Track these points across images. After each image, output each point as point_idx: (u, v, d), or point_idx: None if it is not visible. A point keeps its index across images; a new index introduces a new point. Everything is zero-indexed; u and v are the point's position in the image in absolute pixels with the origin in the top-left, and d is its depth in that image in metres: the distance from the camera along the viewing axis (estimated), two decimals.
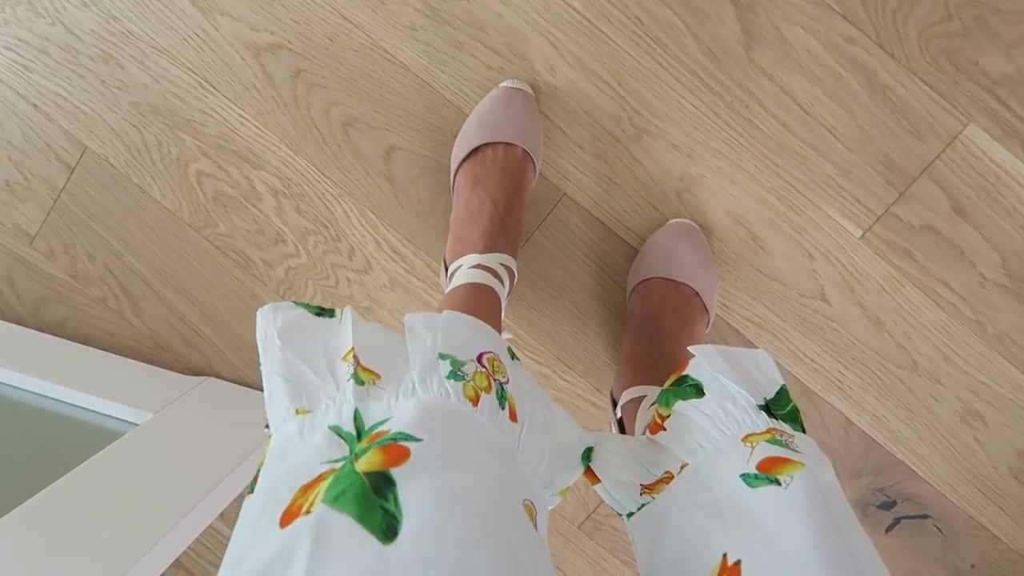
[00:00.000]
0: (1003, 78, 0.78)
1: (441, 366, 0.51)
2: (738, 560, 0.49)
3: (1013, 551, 0.90)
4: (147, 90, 0.89)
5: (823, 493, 0.53)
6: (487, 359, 0.54)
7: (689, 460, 0.61)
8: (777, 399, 0.63)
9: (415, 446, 0.44)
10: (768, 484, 0.54)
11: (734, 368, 0.63)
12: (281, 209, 0.91)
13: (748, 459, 0.56)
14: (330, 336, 0.53)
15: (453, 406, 0.49)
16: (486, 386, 0.52)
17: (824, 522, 0.50)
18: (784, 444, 0.57)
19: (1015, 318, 0.84)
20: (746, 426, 0.61)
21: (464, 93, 0.86)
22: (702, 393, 0.64)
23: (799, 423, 0.62)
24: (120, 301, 0.96)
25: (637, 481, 0.64)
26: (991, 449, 0.88)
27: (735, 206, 0.85)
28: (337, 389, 0.50)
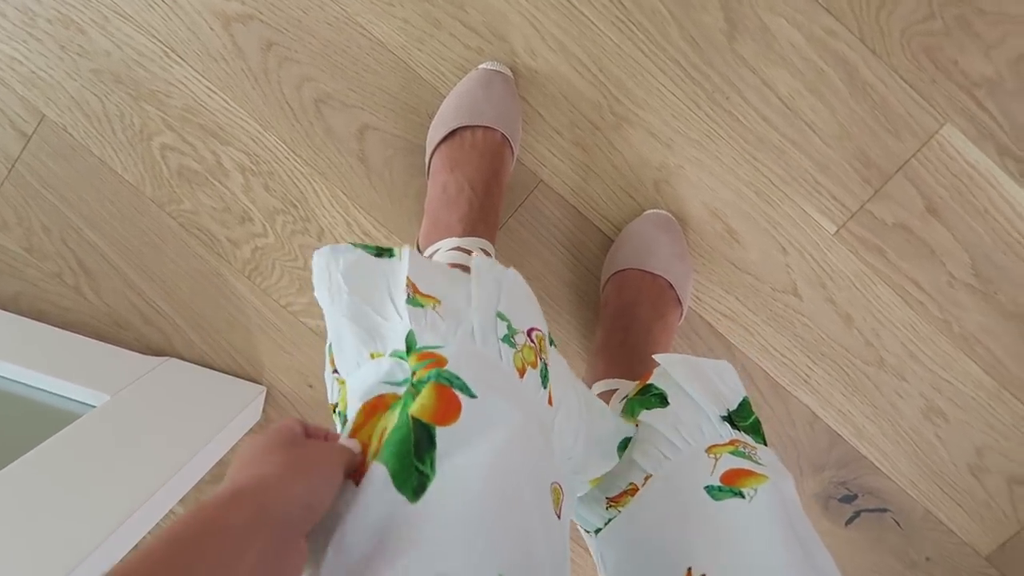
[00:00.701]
0: (982, 79, 0.78)
1: (499, 326, 0.51)
2: (703, 575, 0.49)
3: (967, 544, 0.92)
4: (109, 57, 0.85)
5: (786, 507, 0.53)
6: (535, 336, 0.54)
7: (653, 471, 0.61)
8: (740, 410, 0.63)
9: (468, 403, 0.45)
10: (732, 497, 0.54)
11: (698, 378, 0.63)
12: (249, 186, 0.88)
13: (712, 470, 0.57)
14: (392, 276, 0.52)
15: (506, 370, 0.49)
16: (533, 361, 0.52)
17: (788, 536, 0.51)
18: (747, 456, 0.58)
19: (981, 318, 0.85)
20: (710, 437, 0.61)
21: (442, 73, 0.83)
22: (666, 402, 0.64)
23: (761, 435, 0.63)
24: (77, 276, 0.92)
25: (602, 494, 0.64)
26: (951, 446, 0.89)
27: (712, 198, 0.84)
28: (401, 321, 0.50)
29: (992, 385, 0.86)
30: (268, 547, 0.34)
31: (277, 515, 0.35)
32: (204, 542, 0.32)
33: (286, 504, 0.36)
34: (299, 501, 0.37)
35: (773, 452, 0.61)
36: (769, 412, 0.90)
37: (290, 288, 0.91)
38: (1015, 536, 0.91)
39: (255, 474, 0.36)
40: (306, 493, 0.37)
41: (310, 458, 0.39)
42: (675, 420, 0.63)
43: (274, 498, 0.35)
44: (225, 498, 0.34)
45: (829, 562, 0.51)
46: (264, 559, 0.34)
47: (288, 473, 0.37)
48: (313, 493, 0.38)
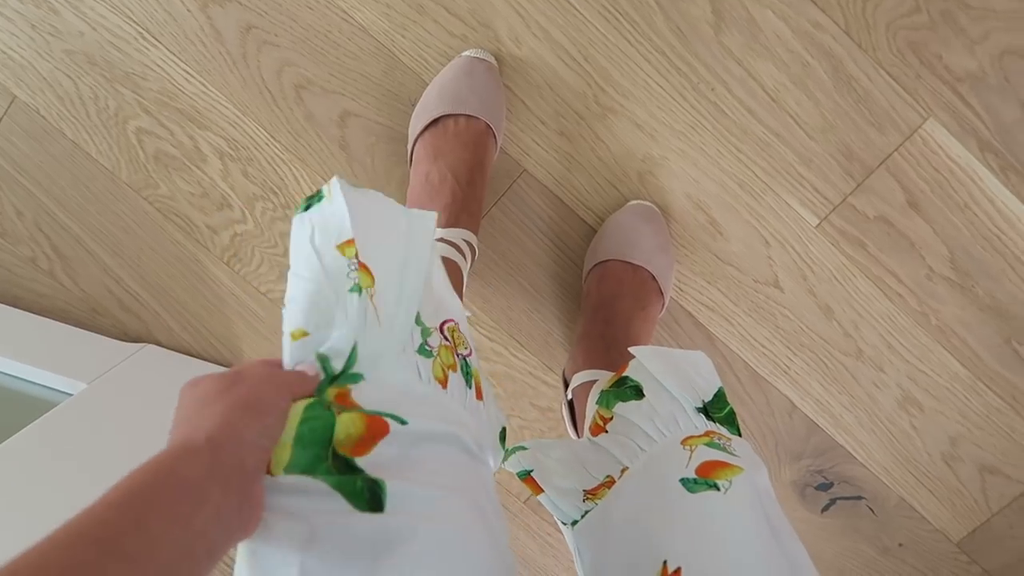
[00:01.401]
0: (965, 74, 0.79)
1: (414, 337, 0.49)
2: (678, 568, 0.50)
3: (938, 531, 0.94)
4: (83, 38, 0.83)
5: (760, 498, 0.54)
6: (448, 329, 0.53)
7: (629, 464, 0.62)
8: (715, 401, 0.63)
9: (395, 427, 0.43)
10: (707, 489, 0.54)
11: (673, 370, 0.63)
12: (227, 172, 0.86)
13: (687, 463, 0.57)
14: (322, 221, 0.47)
15: (424, 391, 0.47)
16: (452, 364, 0.50)
17: (762, 529, 0.51)
18: (722, 447, 0.58)
19: (958, 311, 0.86)
20: (685, 428, 0.61)
21: (425, 60, 0.82)
22: (642, 395, 0.64)
23: (735, 426, 0.63)
24: (52, 261, 0.90)
25: (580, 487, 0.64)
26: (926, 435, 0.91)
27: (696, 190, 0.84)
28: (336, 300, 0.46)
29: (967, 376, 0.88)
30: (224, 498, 0.34)
31: (232, 464, 0.34)
32: (159, 496, 0.32)
33: (240, 452, 0.35)
34: (253, 446, 0.36)
35: (748, 443, 0.61)
36: (749, 401, 0.91)
37: (269, 275, 0.90)
38: (985, 523, 0.93)
39: (206, 424, 0.35)
40: (259, 436, 0.37)
41: (258, 396, 0.38)
42: (650, 412, 0.63)
43: (228, 448, 0.35)
44: (178, 450, 0.33)
45: (802, 553, 0.52)
46: (220, 510, 0.33)
47: (239, 418, 0.36)
48: (266, 434, 0.37)
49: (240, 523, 0.35)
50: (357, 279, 0.46)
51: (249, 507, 0.36)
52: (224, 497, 0.34)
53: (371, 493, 0.40)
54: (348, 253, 0.47)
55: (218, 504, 0.33)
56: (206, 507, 0.32)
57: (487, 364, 0.91)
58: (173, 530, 0.31)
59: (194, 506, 0.32)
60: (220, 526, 0.33)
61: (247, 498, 0.35)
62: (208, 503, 0.32)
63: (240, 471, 0.35)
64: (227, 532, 0.34)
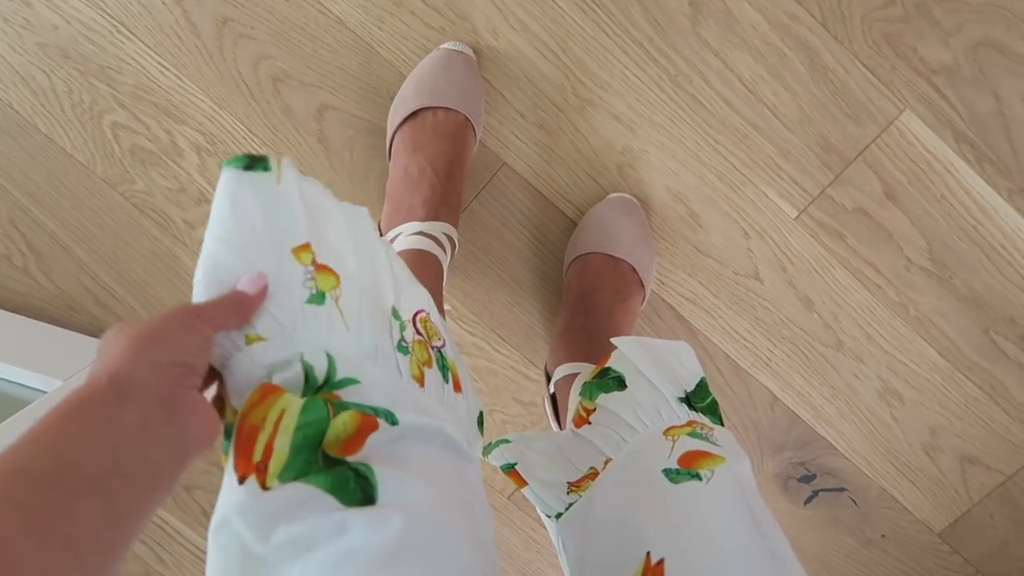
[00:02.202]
0: (940, 66, 0.79)
1: (392, 332, 0.48)
2: (661, 559, 0.50)
3: (920, 521, 0.94)
4: (56, 32, 0.82)
5: (743, 488, 0.54)
6: (420, 320, 0.52)
7: (612, 455, 0.61)
8: (697, 391, 0.63)
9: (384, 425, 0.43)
10: (690, 479, 0.54)
11: (655, 360, 0.63)
12: (204, 166, 0.86)
13: (670, 453, 0.57)
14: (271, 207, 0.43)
15: (407, 389, 0.46)
16: (426, 359, 0.50)
17: (744, 518, 0.51)
18: (704, 437, 0.58)
19: (936, 301, 0.86)
20: (667, 419, 0.61)
21: (403, 53, 0.82)
22: (624, 385, 0.64)
23: (718, 416, 0.63)
24: (26, 258, 0.89)
25: (564, 480, 0.64)
26: (906, 426, 0.91)
27: (675, 182, 0.84)
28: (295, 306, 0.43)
29: (946, 367, 0.88)
30: (146, 414, 0.34)
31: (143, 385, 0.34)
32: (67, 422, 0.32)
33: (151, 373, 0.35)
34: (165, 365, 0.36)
35: (730, 432, 0.61)
36: (730, 394, 0.91)
37: None
38: (966, 514, 0.93)
39: (107, 364, 0.35)
40: (171, 355, 0.36)
41: (159, 327, 0.37)
42: (633, 403, 0.63)
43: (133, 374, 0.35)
44: (80, 389, 0.34)
45: (784, 543, 0.52)
46: (146, 425, 0.34)
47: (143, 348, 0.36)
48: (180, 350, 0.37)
49: (178, 433, 0.35)
50: (315, 288, 0.44)
51: (190, 420, 0.36)
52: (145, 412, 0.34)
53: (363, 491, 0.40)
54: (304, 259, 0.44)
55: (140, 422, 0.33)
56: (119, 427, 0.33)
57: (468, 359, 0.91)
58: (88, 450, 0.31)
59: (102, 427, 0.32)
60: (150, 441, 0.34)
61: (177, 408, 0.35)
62: (120, 423, 0.33)
63: (157, 387, 0.35)
64: (164, 446, 0.34)
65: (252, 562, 0.37)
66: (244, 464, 0.40)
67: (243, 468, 0.40)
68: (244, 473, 0.40)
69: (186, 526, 0.97)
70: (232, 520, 0.39)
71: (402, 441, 0.44)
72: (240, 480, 0.40)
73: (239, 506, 0.39)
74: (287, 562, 0.37)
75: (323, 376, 0.43)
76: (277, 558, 0.37)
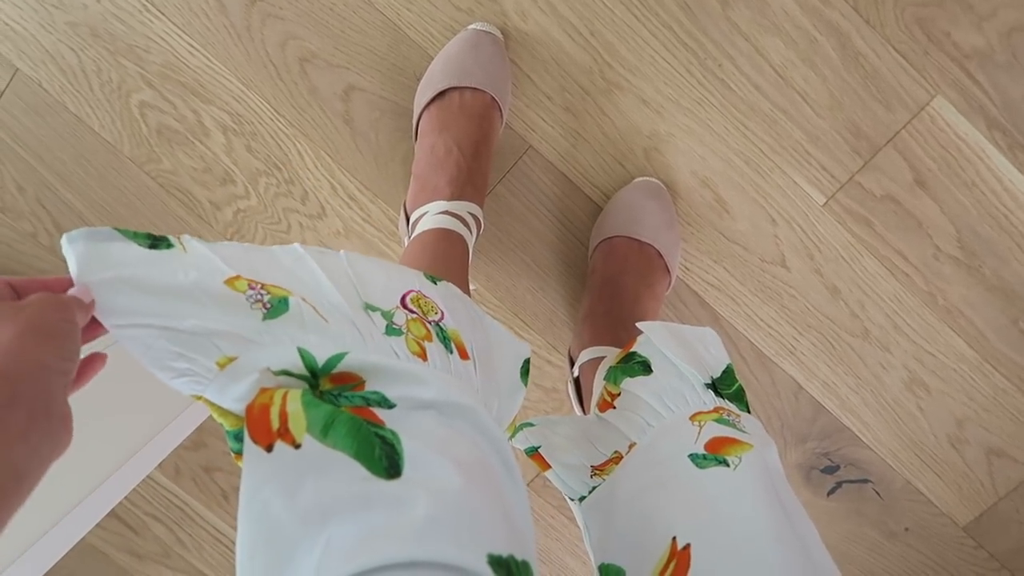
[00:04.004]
0: (973, 51, 0.78)
1: (375, 321, 0.47)
2: (688, 544, 0.49)
3: (945, 515, 0.93)
4: (86, 10, 0.83)
5: (771, 475, 0.53)
6: (411, 300, 0.51)
7: (637, 439, 0.61)
8: (723, 378, 0.63)
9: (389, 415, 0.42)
10: (717, 465, 0.54)
11: (681, 346, 0.63)
12: (230, 147, 0.86)
13: (696, 438, 0.56)
14: (181, 267, 0.43)
15: (404, 367, 0.46)
16: (425, 334, 0.49)
17: (773, 505, 0.51)
18: (731, 424, 0.58)
19: (965, 291, 0.85)
20: (693, 404, 0.61)
21: (430, 34, 0.82)
22: (650, 370, 0.64)
23: (744, 402, 0.63)
24: (53, 237, 0.90)
25: (587, 463, 0.64)
26: (932, 418, 0.90)
27: (702, 167, 0.84)
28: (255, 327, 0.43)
29: (974, 358, 0.87)
30: (31, 424, 0.33)
31: (34, 391, 0.34)
32: None
33: (42, 377, 0.34)
34: (54, 370, 0.35)
35: (757, 420, 0.61)
36: (754, 382, 0.90)
37: None
38: (992, 507, 0.92)
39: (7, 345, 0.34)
40: (58, 359, 0.36)
41: (46, 320, 0.36)
42: (658, 388, 0.62)
43: (27, 376, 0.34)
44: None
45: (812, 530, 0.51)
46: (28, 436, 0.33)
47: (34, 344, 0.35)
48: (65, 356, 0.36)
49: (51, 446, 0.35)
50: (270, 302, 0.44)
51: (59, 428, 0.35)
52: (30, 423, 0.33)
53: (389, 459, 0.39)
54: (239, 286, 0.44)
55: (23, 430, 0.33)
56: (3, 436, 0.32)
57: None
58: None
59: None
60: (28, 451, 0.33)
61: (56, 420, 0.35)
62: (6, 431, 0.32)
63: (44, 396, 0.34)
64: (38, 457, 0.34)
65: (279, 534, 0.37)
66: (266, 435, 0.40)
67: (266, 438, 0.40)
68: (269, 442, 0.40)
69: (206, 508, 0.97)
70: (262, 488, 0.39)
71: (421, 413, 0.43)
72: (268, 449, 0.40)
73: (270, 472, 0.39)
74: (311, 535, 0.36)
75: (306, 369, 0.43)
76: (302, 530, 0.37)
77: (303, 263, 0.48)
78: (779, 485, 0.53)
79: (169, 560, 0.99)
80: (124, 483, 0.79)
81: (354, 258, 0.50)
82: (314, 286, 0.47)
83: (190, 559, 0.99)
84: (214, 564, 1.00)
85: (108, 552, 0.99)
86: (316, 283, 0.47)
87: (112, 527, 0.98)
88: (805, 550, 0.49)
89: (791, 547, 0.48)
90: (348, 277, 0.49)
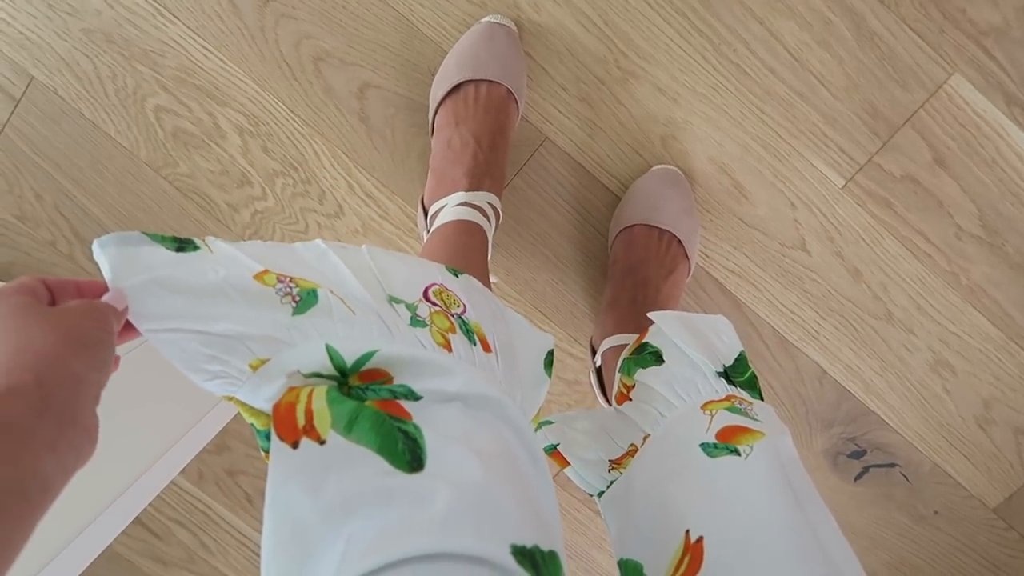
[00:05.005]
0: (989, 28, 0.78)
1: (400, 313, 0.47)
2: (700, 537, 0.49)
3: (974, 497, 0.92)
4: (100, 16, 0.83)
5: (783, 464, 0.53)
6: (433, 293, 0.51)
7: (651, 431, 0.61)
8: (736, 366, 0.62)
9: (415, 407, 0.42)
10: (728, 454, 0.53)
11: (693, 334, 0.63)
12: (247, 148, 0.86)
13: (708, 428, 0.56)
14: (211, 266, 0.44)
15: (431, 357, 0.45)
16: (449, 327, 0.49)
17: (785, 494, 0.50)
18: (743, 412, 0.57)
19: (988, 269, 0.85)
20: (705, 393, 0.61)
21: (444, 29, 0.82)
22: (662, 360, 0.63)
23: (757, 390, 0.62)
24: (71, 244, 0.90)
25: (605, 457, 0.63)
26: (959, 399, 0.89)
27: (719, 153, 0.83)
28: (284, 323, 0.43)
29: (999, 337, 0.86)
30: (59, 433, 0.33)
31: (65, 400, 0.34)
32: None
33: (74, 387, 0.34)
34: (86, 381, 0.35)
35: (770, 407, 0.60)
36: (778, 368, 0.89)
37: None
38: (1022, 488, 0.91)
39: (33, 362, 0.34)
40: (91, 370, 0.35)
41: (85, 330, 0.36)
42: (670, 377, 0.62)
43: (60, 385, 0.34)
44: (3, 392, 0.32)
45: (827, 518, 0.50)
46: (55, 445, 0.33)
47: (71, 353, 0.35)
48: (99, 367, 0.36)
49: (75, 456, 0.34)
50: (298, 295, 0.44)
51: (84, 438, 0.35)
52: (59, 432, 0.33)
53: (412, 453, 0.39)
54: (268, 281, 0.44)
55: (51, 440, 0.33)
56: (32, 444, 0.32)
57: None
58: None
59: (18, 445, 0.31)
60: (55, 461, 0.33)
61: (82, 430, 0.35)
62: (35, 440, 0.32)
63: (74, 406, 0.34)
64: (63, 466, 0.34)
65: (303, 530, 0.37)
66: (292, 432, 0.40)
67: (292, 435, 0.40)
68: (295, 438, 0.40)
69: (230, 512, 0.97)
70: (287, 484, 0.39)
71: (447, 405, 0.43)
72: (293, 445, 0.40)
73: (295, 468, 0.39)
74: (334, 530, 0.36)
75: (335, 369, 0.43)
76: (326, 525, 0.37)
77: (326, 258, 0.49)
78: (792, 473, 0.53)
79: (194, 565, 0.99)
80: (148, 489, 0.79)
81: (376, 252, 0.51)
82: (339, 280, 0.47)
83: (215, 563, 0.99)
84: (239, 568, 0.99)
85: (132, 559, 0.99)
86: (340, 277, 0.48)
87: (136, 534, 0.98)
88: (816, 539, 0.48)
89: (802, 536, 0.48)
90: (371, 271, 0.49)
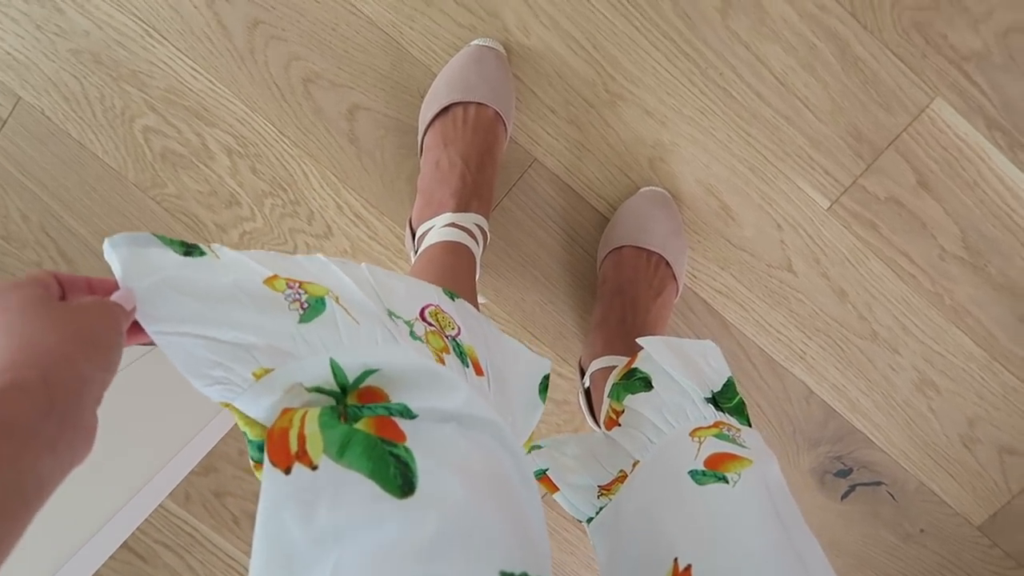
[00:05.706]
0: (970, 53, 0.79)
1: (399, 327, 0.48)
2: (688, 565, 0.49)
3: (959, 515, 0.93)
4: (88, 37, 0.83)
5: (770, 491, 0.53)
6: (429, 313, 0.51)
7: (640, 457, 0.61)
8: (724, 391, 0.63)
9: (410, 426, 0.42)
10: (716, 482, 0.54)
11: (682, 360, 0.63)
12: (236, 169, 0.86)
13: (696, 455, 0.56)
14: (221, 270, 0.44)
15: (434, 369, 0.45)
16: (443, 347, 0.49)
17: (772, 521, 0.51)
18: (731, 439, 0.58)
19: (971, 290, 0.86)
20: (694, 419, 0.61)
21: (433, 51, 0.82)
22: (651, 386, 0.64)
23: (745, 416, 0.63)
24: (58, 265, 0.89)
25: (594, 483, 0.63)
26: (943, 418, 0.90)
27: (706, 175, 0.84)
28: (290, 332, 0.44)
29: (983, 356, 0.88)
30: (60, 433, 0.33)
31: (69, 401, 0.33)
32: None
33: (79, 388, 0.34)
34: (91, 381, 0.35)
35: (757, 433, 0.61)
36: (765, 388, 0.90)
37: None
38: (1006, 506, 0.92)
39: (41, 359, 0.33)
40: (98, 370, 0.35)
41: (96, 330, 0.36)
42: (659, 403, 0.63)
43: (66, 385, 0.33)
44: (9, 390, 0.32)
45: (813, 545, 0.51)
46: (55, 445, 0.32)
47: (80, 353, 0.35)
48: (106, 367, 0.36)
49: (72, 456, 0.34)
50: (306, 301, 0.45)
51: (82, 439, 0.35)
52: (59, 432, 0.33)
53: (403, 477, 0.39)
54: (278, 286, 0.45)
55: (52, 440, 0.32)
56: (34, 445, 0.31)
57: None
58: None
59: (21, 445, 0.31)
60: (53, 460, 0.33)
61: (82, 432, 0.34)
62: (36, 440, 0.32)
63: (77, 406, 0.34)
64: (60, 466, 0.33)
65: (292, 555, 0.37)
66: (284, 458, 0.40)
67: (285, 461, 0.40)
68: (288, 464, 0.40)
69: (217, 533, 0.96)
70: (279, 510, 0.39)
71: (442, 426, 0.43)
72: (286, 471, 0.40)
73: (288, 493, 0.39)
74: (324, 556, 0.36)
75: (337, 385, 0.43)
76: (316, 551, 0.37)
77: (327, 270, 0.49)
78: (779, 501, 0.53)
79: None
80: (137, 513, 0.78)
81: (375, 269, 0.51)
82: (342, 288, 0.48)
83: None
84: None
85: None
86: (343, 286, 0.48)
87: (121, 557, 0.97)
88: (803, 566, 0.48)
89: (789, 563, 0.48)
90: (371, 285, 0.49)
